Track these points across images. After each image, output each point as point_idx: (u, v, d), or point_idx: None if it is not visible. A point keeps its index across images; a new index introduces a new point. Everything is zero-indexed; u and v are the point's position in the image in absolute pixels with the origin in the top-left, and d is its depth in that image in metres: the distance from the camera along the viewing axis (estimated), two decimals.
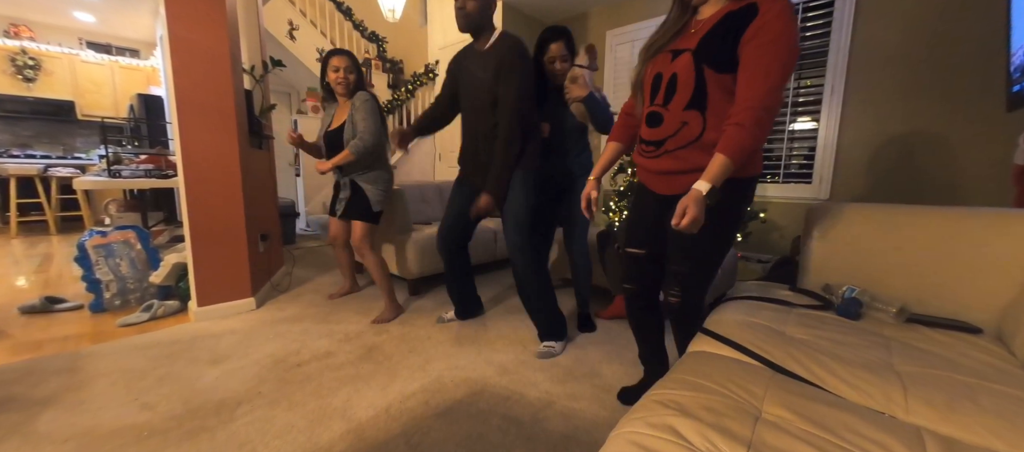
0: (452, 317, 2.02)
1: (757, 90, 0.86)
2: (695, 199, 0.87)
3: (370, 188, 2.01)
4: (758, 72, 0.87)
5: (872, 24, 2.48)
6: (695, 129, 0.98)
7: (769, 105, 0.86)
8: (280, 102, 5.62)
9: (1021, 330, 0.87)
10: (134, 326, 1.91)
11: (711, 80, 0.95)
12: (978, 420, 0.65)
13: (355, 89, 1.99)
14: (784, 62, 0.86)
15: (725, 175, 0.88)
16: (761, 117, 0.86)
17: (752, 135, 0.86)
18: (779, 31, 0.86)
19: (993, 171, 2.13)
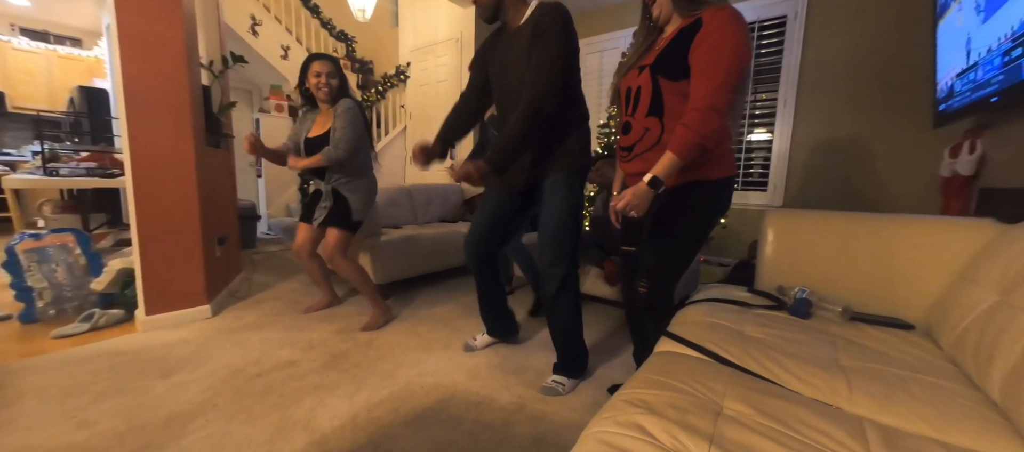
0: (487, 340, 1.77)
1: (701, 90, 0.95)
2: (636, 187, 0.99)
3: (353, 197, 1.90)
4: (702, 75, 0.96)
5: (819, 44, 2.67)
6: (655, 133, 1.08)
7: (713, 104, 0.93)
8: (241, 100, 5.36)
9: (945, 326, 0.96)
10: (71, 338, 1.75)
11: (666, 88, 1.05)
12: (911, 408, 0.71)
13: (338, 95, 1.88)
14: (726, 64, 0.93)
15: (671, 169, 0.97)
16: (706, 115, 0.93)
17: (697, 132, 0.94)
18: (719, 38, 0.95)
19: (924, 181, 2.34)
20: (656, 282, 1.14)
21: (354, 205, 1.91)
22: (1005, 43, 1.39)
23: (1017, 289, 0.80)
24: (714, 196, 1.10)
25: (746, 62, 0.96)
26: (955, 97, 1.75)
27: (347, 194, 1.91)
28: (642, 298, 1.15)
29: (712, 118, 0.93)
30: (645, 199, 0.99)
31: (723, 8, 0.99)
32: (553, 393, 1.43)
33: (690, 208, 1.08)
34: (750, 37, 0.96)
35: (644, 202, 0.99)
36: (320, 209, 1.93)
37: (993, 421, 0.67)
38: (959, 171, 1.76)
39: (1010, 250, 0.89)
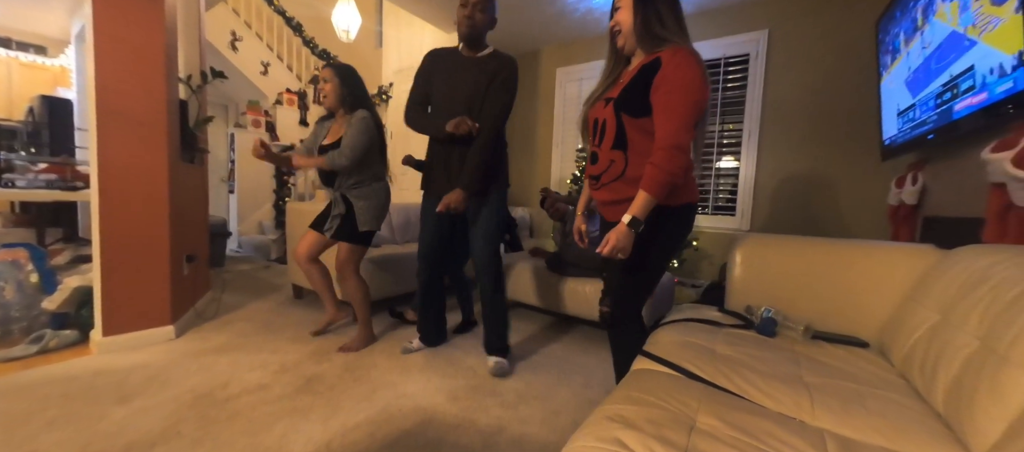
0: (419, 345, 1.95)
1: (665, 131, 1.02)
2: (618, 230, 1.03)
3: (359, 204, 1.86)
4: (664, 116, 1.03)
5: (779, 81, 2.89)
6: (619, 166, 1.14)
7: (676, 143, 1.00)
8: (217, 114, 5.25)
9: (896, 343, 1.03)
10: (18, 361, 1.63)
11: (629, 124, 1.11)
12: (867, 421, 0.76)
13: (344, 103, 1.88)
14: (685, 104, 1.00)
15: (646, 207, 1.03)
16: (671, 154, 1.00)
17: (664, 170, 1.00)
18: (677, 79, 1.01)
19: (877, 209, 2.52)
20: (624, 305, 1.20)
21: (360, 213, 1.86)
22: (936, 88, 1.55)
23: (955, 309, 0.88)
24: (680, 222, 1.16)
25: (703, 101, 1.02)
26: (898, 134, 1.93)
27: (354, 200, 1.86)
28: (607, 317, 1.21)
29: (676, 156, 1.00)
30: (628, 240, 1.03)
31: (681, 48, 1.05)
32: (503, 372, 1.71)
33: (658, 237, 1.12)
34: (706, 76, 1.04)
35: (628, 243, 1.03)
36: (332, 218, 1.88)
37: (938, 431, 0.73)
38: (904, 200, 1.92)
39: (947, 274, 0.98)
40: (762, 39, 2.90)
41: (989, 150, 1.22)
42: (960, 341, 0.80)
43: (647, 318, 1.99)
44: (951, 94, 1.46)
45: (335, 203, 1.89)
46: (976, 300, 0.82)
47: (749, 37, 2.95)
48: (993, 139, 1.24)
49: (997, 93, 1.21)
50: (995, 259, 0.87)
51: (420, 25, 4.44)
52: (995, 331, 0.72)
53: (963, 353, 0.77)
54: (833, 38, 2.68)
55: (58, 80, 4.54)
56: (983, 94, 1.28)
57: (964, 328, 0.81)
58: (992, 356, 0.69)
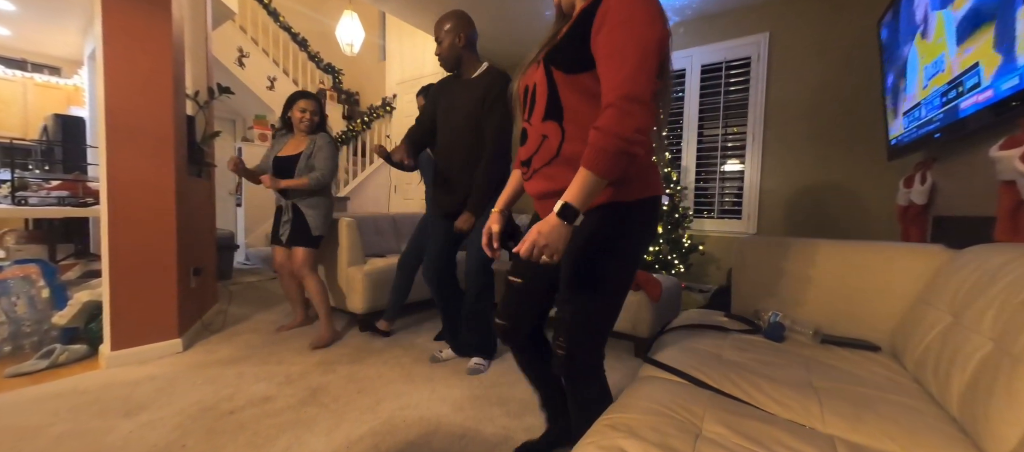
0: (450, 354, 1.95)
1: (613, 82, 0.72)
2: (545, 223, 0.72)
3: (311, 213, 2.08)
4: (612, 62, 0.73)
5: (781, 83, 2.87)
6: (554, 142, 0.84)
7: (630, 93, 0.69)
8: (225, 129, 5.35)
9: (908, 347, 1.01)
10: (28, 375, 1.65)
11: (562, 83, 0.82)
12: (878, 427, 0.74)
13: (316, 128, 2.14)
14: (638, 43, 0.71)
15: (589, 192, 0.72)
16: (624, 109, 0.69)
17: (615, 134, 0.69)
18: (625, 13, 0.73)
19: (886, 209, 2.48)
20: (578, 348, 0.88)
21: (312, 222, 2.08)
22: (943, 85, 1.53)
23: (966, 310, 0.86)
24: (645, 223, 0.86)
25: (663, 38, 0.74)
26: (904, 133, 1.90)
27: (305, 209, 2.07)
28: (560, 361, 0.89)
29: (634, 112, 0.69)
30: (559, 238, 0.72)
31: None
32: (478, 371, 1.77)
33: (617, 243, 0.84)
34: (662, 9, 0.76)
35: (559, 242, 0.72)
36: (284, 225, 2.10)
37: (953, 436, 0.71)
38: (914, 200, 1.89)
39: (959, 274, 0.96)
40: (763, 42, 2.90)
41: (998, 147, 1.20)
42: (974, 343, 0.78)
43: (653, 324, 1.98)
44: (957, 92, 1.44)
45: (284, 211, 2.10)
46: (989, 300, 0.80)
47: (750, 40, 2.95)
48: (1001, 136, 1.22)
49: (1003, 90, 1.19)
50: (1007, 258, 0.85)
51: (422, 38, 4.50)
52: (1010, 331, 0.70)
53: (977, 355, 0.75)
54: (834, 39, 2.67)
55: (71, 99, 4.66)
56: (989, 91, 1.26)
57: (978, 329, 0.79)
58: (1007, 357, 0.67)
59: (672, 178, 2.75)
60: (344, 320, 2.47)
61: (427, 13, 3.27)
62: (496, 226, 0.99)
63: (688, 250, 2.73)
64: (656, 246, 2.62)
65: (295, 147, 2.10)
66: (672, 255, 2.67)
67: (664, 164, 2.74)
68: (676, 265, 2.67)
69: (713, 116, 3.17)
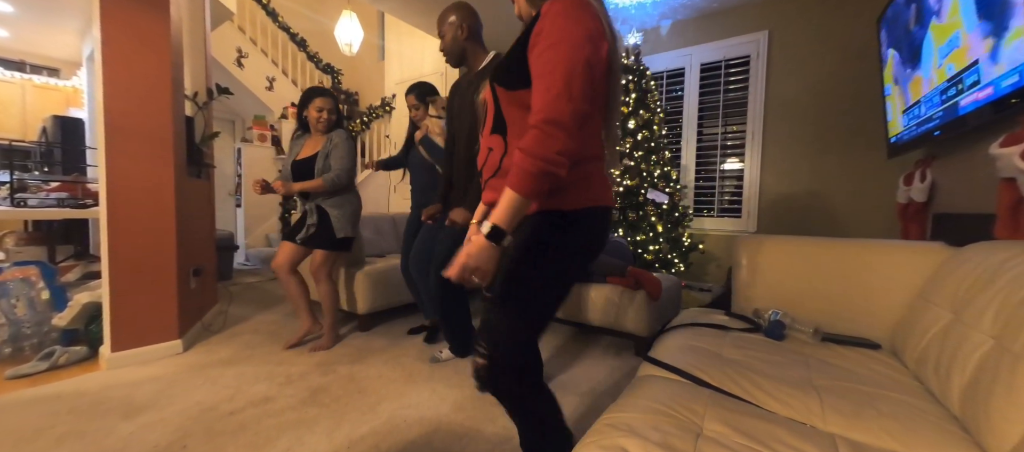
0: (449, 355, 1.92)
1: (538, 104, 0.72)
2: (473, 244, 0.73)
3: (335, 213, 1.98)
4: (541, 83, 0.73)
5: (780, 81, 2.87)
6: (497, 155, 0.87)
7: (553, 117, 0.70)
8: (224, 130, 5.34)
9: (908, 344, 1.01)
10: (29, 377, 1.65)
11: (504, 99, 0.84)
12: (879, 425, 0.74)
13: (333, 127, 2.03)
14: (565, 65, 0.71)
15: (514, 212, 0.72)
16: (545, 133, 0.70)
17: (536, 156, 0.69)
18: (556, 34, 0.73)
19: (885, 207, 2.48)
20: (497, 352, 0.83)
21: (336, 221, 1.98)
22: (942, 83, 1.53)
23: (967, 308, 0.86)
24: (575, 233, 0.82)
25: (593, 59, 0.73)
26: (904, 131, 1.90)
27: (329, 209, 1.98)
28: (482, 371, 0.84)
29: (555, 136, 0.70)
30: (488, 259, 0.72)
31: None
32: (434, 359, 1.84)
33: (540, 253, 0.81)
34: (601, 26, 0.76)
35: (487, 263, 0.72)
36: (307, 228, 2.00)
37: (954, 434, 0.71)
38: (913, 198, 1.89)
39: (959, 271, 0.96)
40: (762, 40, 2.89)
41: (998, 145, 1.20)
42: (974, 340, 0.78)
43: (653, 323, 1.98)
44: (956, 89, 1.44)
45: (309, 213, 2.01)
46: (990, 298, 0.80)
47: (749, 38, 2.94)
48: (1001, 133, 1.22)
49: (1003, 87, 1.19)
50: (1008, 255, 0.85)
51: (421, 37, 4.50)
52: (1010, 329, 0.70)
53: (978, 353, 0.75)
54: (833, 37, 2.66)
55: (70, 100, 4.65)
56: (989, 88, 1.26)
57: (978, 327, 0.79)
58: (1008, 355, 0.67)
59: (672, 177, 2.75)
60: (343, 321, 2.46)
61: (426, 12, 3.27)
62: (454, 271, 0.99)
63: (688, 249, 2.73)
64: (656, 245, 2.62)
65: (312, 148, 2.00)
66: (672, 254, 2.67)
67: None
68: (676, 264, 2.67)
69: (713, 114, 3.17)
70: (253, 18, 4.74)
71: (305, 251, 2.03)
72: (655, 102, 2.79)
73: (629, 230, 2.69)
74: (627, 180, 2.68)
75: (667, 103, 3.33)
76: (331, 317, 2.06)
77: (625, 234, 2.68)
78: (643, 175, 2.68)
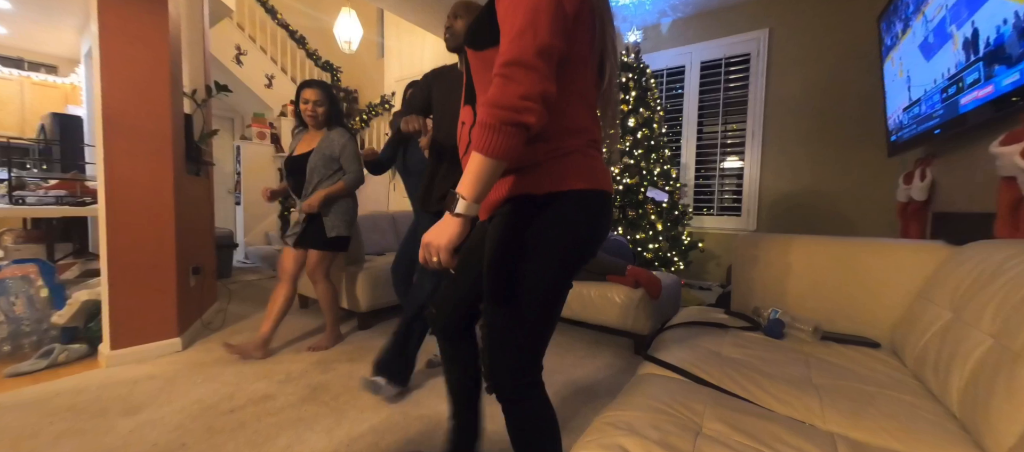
0: (390, 388, 1.63)
1: (502, 50, 0.62)
2: (438, 224, 0.65)
3: (326, 210, 1.93)
4: (503, 28, 0.63)
5: (780, 80, 2.87)
6: (468, 126, 0.76)
7: (514, 57, 0.60)
8: (223, 127, 5.32)
9: (908, 343, 1.01)
10: (28, 375, 1.65)
11: (474, 62, 0.74)
12: (879, 423, 0.74)
13: (328, 120, 1.97)
14: (529, 2, 0.61)
15: (480, 176, 0.61)
16: (507, 75, 0.60)
17: (497, 106, 0.59)
18: None
19: (883, 206, 2.48)
20: (497, 367, 0.74)
21: (327, 222, 1.94)
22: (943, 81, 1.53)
23: (967, 307, 0.86)
24: (563, 222, 0.70)
25: None
26: (904, 129, 1.90)
27: (321, 208, 1.94)
28: (491, 385, 0.76)
29: (517, 78, 0.59)
30: (441, 234, 0.63)
31: None
32: (377, 389, 1.49)
33: (526, 245, 0.70)
34: None
35: (441, 237, 0.63)
36: (294, 225, 1.99)
37: (953, 433, 0.71)
38: (914, 196, 1.89)
39: (959, 270, 0.96)
40: (763, 38, 2.89)
41: (998, 143, 1.20)
42: (974, 339, 0.78)
43: (653, 322, 1.98)
44: (957, 87, 1.43)
45: (299, 213, 1.98)
46: (989, 296, 0.80)
47: (750, 36, 2.94)
48: (1002, 132, 1.21)
49: (1003, 85, 1.19)
50: (1008, 254, 0.85)
51: (421, 35, 4.48)
52: (1009, 328, 0.70)
53: (977, 351, 0.75)
54: (834, 35, 2.66)
55: (69, 98, 4.63)
56: (990, 87, 1.25)
57: (978, 326, 0.79)
58: (1007, 354, 0.67)
59: (672, 175, 2.75)
60: (343, 319, 2.46)
61: (425, 10, 3.26)
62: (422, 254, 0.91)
63: (688, 247, 2.73)
64: (656, 243, 2.62)
65: (308, 144, 1.95)
66: (672, 252, 2.67)
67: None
68: (676, 262, 2.67)
69: (713, 113, 3.17)
70: (252, 15, 4.72)
71: (304, 253, 2.00)
72: (655, 100, 2.78)
73: (629, 228, 2.69)
74: (627, 178, 2.68)
75: (667, 101, 3.33)
76: (331, 316, 2.06)
77: (625, 232, 2.68)
78: (643, 173, 2.68)
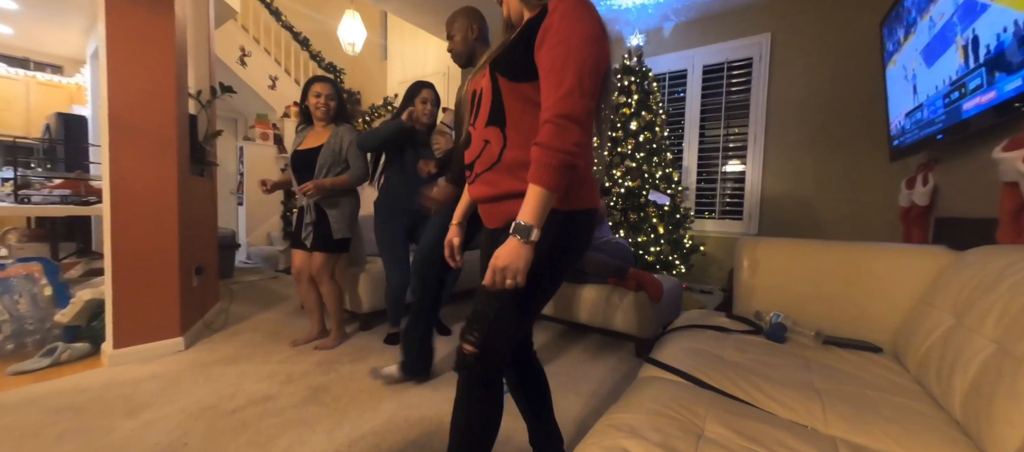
0: (401, 375, 1.68)
1: (550, 99, 0.74)
2: (506, 247, 0.73)
3: (333, 214, 1.96)
4: (552, 79, 0.75)
5: (782, 84, 2.87)
6: (495, 148, 0.85)
7: (566, 111, 0.72)
8: (226, 128, 5.35)
9: (910, 348, 1.01)
10: (31, 374, 1.65)
11: (506, 90, 0.84)
12: (881, 428, 0.74)
13: (336, 116, 2.01)
14: (576, 63, 0.73)
15: (542, 207, 0.72)
16: (561, 127, 0.72)
17: (556, 148, 0.71)
18: (566, 31, 0.75)
19: (885, 211, 2.48)
20: (491, 347, 0.84)
21: (334, 221, 1.96)
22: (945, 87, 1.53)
23: (969, 312, 0.86)
24: (571, 236, 0.85)
25: (602, 58, 0.76)
26: (906, 134, 1.90)
27: (327, 208, 1.96)
28: (469, 359, 0.85)
29: (570, 130, 0.72)
30: (519, 258, 0.72)
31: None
32: (391, 378, 1.64)
33: (547, 256, 0.81)
34: (604, 29, 0.79)
35: (519, 261, 0.72)
36: (305, 228, 1.98)
37: (955, 439, 0.71)
38: (916, 201, 1.89)
39: (961, 275, 0.96)
40: (765, 42, 2.89)
41: (1000, 149, 1.20)
42: (976, 345, 0.78)
43: (654, 325, 1.98)
44: (959, 93, 1.44)
45: (307, 211, 1.98)
46: (992, 302, 0.80)
47: (752, 40, 2.94)
48: (1004, 137, 1.21)
49: (1006, 91, 1.19)
50: (1010, 260, 0.85)
51: (424, 37, 4.51)
52: (1012, 334, 0.70)
53: (980, 357, 0.75)
54: (836, 40, 2.66)
55: (74, 98, 4.67)
56: (992, 92, 1.26)
57: (980, 331, 0.79)
58: (1009, 360, 0.67)
59: (673, 178, 2.75)
60: (345, 320, 2.46)
61: (428, 12, 3.27)
62: (457, 239, 1.04)
63: (689, 251, 2.72)
64: (657, 247, 2.62)
65: (315, 139, 1.98)
66: (673, 256, 2.67)
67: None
68: (677, 266, 2.67)
69: (714, 117, 3.17)
70: (256, 17, 4.75)
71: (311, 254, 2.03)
72: (657, 104, 2.79)
73: (630, 231, 2.69)
74: (628, 181, 2.68)
75: (669, 105, 3.33)
76: (337, 317, 2.07)
77: (626, 235, 2.68)
78: (645, 176, 2.68)
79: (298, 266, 2.04)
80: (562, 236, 0.82)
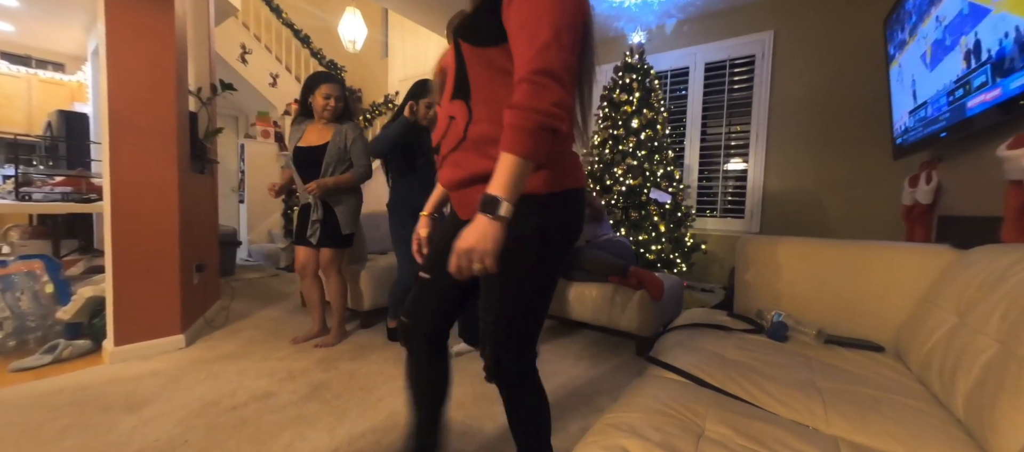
0: (465, 347, 1.95)
1: (524, 56, 0.64)
2: (473, 226, 0.62)
3: (340, 210, 1.97)
4: (523, 34, 0.65)
5: (785, 82, 2.86)
6: (460, 123, 0.75)
7: (543, 66, 0.62)
8: (227, 126, 5.35)
9: (912, 347, 1.00)
10: (32, 370, 1.66)
11: (470, 57, 0.74)
12: (883, 428, 0.74)
13: (340, 115, 2.00)
14: (552, 14, 0.63)
15: (514, 177, 0.62)
16: (538, 84, 0.62)
17: (531, 109, 0.61)
18: None
19: (888, 209, 2.47)
20: (504, 355, 0.79)
21: (342, 217, 1.97)
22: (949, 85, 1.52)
23: (972, 311, 0.85)
24: (559, 219, 0.75)
25: (578, 13, 0.66)
26: (909, 132, 1.89)
27: (334, 205, 1.96)
28: (489, 370, 0.82)
29: (549, 87, 0.62)
30: (485, 237, 0.61)
31: None
32: None
33: (529, 243, 0.73)
34: None
35: (486, 242, 0.61)
36: (312, 225, 1.96)
37: (958, 438, 0.70)
38: (919, 200, 1.88)
39: (964, 274, 0.95)
40: (768, 40, 2.88)
41: (1005, 147, 1.19)
42: (980, 344, 0.77)
43: (655, 323, 1.98)
44: (963, 90, 1.42)
45: (314, 208, 1.96)
46: (996, 301, 0.79)
47: (755, 38, 2.93)
48: (1009, 135, 1.20)
49: (1011, 89, 1.18)
50: (1014, 258, 0.84)
51: (425, 34, 4.49)
52: (1016, 333, 0.70)
53: (983, 356, 0.74)
54: (840, 38, 2.65)
55: (75, 95, 4.67)
56: (997, 90, 1.24)
57: (984, 330, 0.78)
58: (1013, 359, 0.67)
59: (675, 176, 2.74)
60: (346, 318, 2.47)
61: (430, 10, 3.26)
62: (424, 231, 0.95)
63: (690, 249, 2.72)
64: (658, 245, 2.62)
65: (319, 136, 1.93)
66: (674, 254, 2.67)
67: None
68: (678, 264, 2.66)
69: (716, 114, 3.16)
70: (257, 14, 4.74)
71: (317, 251, 2.03)
72: (659, 101, 2.78)
73: (632, 229, 2.68)
74: (630, 179, 2.68)
75: (671, 102, 3.32)
76: (340, 314, 2.07)
77: (627, 233, 2.67)
78: (646, 174, 2.67)
79: (302, 262, 2.03)
80: (552, 223, 0.74)
